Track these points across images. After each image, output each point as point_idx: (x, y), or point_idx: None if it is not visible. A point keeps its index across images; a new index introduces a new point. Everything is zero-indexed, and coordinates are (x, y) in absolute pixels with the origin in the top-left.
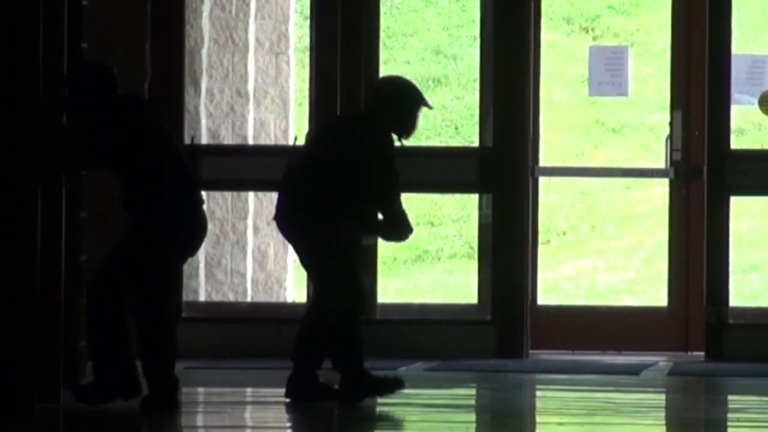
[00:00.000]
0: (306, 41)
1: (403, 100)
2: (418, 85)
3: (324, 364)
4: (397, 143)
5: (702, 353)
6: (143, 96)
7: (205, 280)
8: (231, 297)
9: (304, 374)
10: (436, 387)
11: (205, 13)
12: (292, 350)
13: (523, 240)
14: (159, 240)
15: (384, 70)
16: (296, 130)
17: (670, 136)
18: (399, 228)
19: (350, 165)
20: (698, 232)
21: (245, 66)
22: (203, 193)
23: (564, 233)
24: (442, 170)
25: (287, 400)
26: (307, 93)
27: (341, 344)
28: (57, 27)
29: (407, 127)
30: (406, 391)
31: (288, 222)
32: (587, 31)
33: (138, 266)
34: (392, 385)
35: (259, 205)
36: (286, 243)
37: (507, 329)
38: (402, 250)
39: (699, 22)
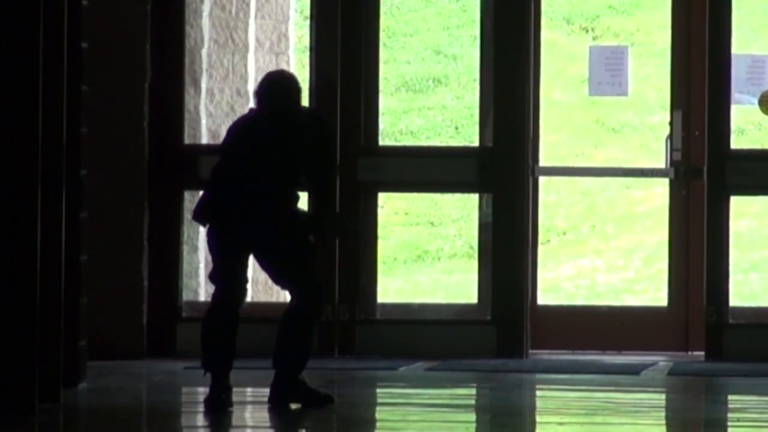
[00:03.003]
0: (306, 41)
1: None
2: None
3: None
4: None
5: (702, 353)
6: None
7: (205, 280)
8: None
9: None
10: (436, 387)
11: (205, 13)
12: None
13: (523, 240)
14: None
15: (384, 70)
16: None
17: (670, 136)
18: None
19: (294, 156)
20: (698, 232)
21: (245, 66)
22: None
23: (564, 233)
24: (442, 170)
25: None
26: (307, 93)
27: (290, 345)
28: (57, 27)
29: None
30: (406, 391)
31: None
32: (587, 31)
33: None
34: (322, 400)
35: None
36: None
37: (507, 329)
38: (402, 250)
39: (699, 22)
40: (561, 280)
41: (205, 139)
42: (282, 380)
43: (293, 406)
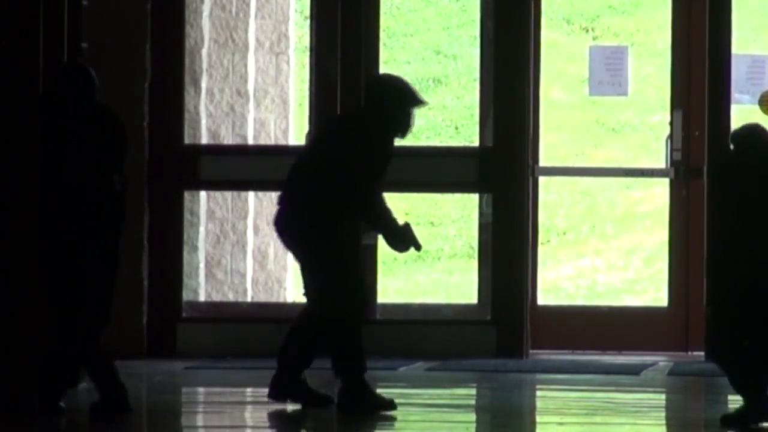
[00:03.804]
0: (306, 41)
1: (394, 101)
2: (409, 84)
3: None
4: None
5: (702, 353)
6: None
7: (205, 280)
8: (231, 297)
9: (291, 375)
10: (436, 387)
11: (205, 13)
12: (280, 351)
13: (523, 240)
14: None
15: (384, 70)
16: (296, 130)
17: (670, 136)
18: (392, 236)
19: (345, 165)
20: (698, 232)
21: (245, 66)
22: (204, 193)
23: (564, 233)
24: (442, 170)
25: (269, 399)
26: (307, 93)
27: (344, 353)
28: (57, 27)
29: (402, 126)
30: (406, 391)
31: (287, 230)
32: (587, 31)
33: None
34: (322, 400)
35: (259, 205)
36: None
37: (507, 329)
38: None
39: (699, 22)
40: (561, 280)
41: (205, 139)
42: (283, 378)
43: (292, 406)
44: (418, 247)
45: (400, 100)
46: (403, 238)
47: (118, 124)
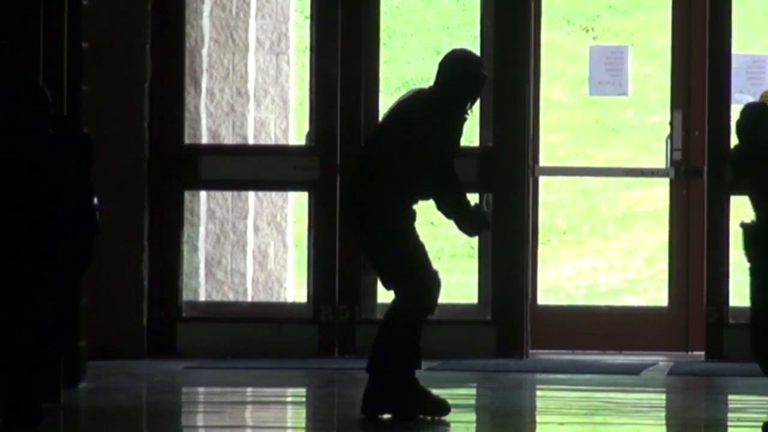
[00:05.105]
0: (306, 41)
1: (463, 73)
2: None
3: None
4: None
5: (702, 353)
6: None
7: (205, 280)
8: (231, 297)
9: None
10: (436, 387)
11: (205, 13)
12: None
13: (523, 240)
14: None
15: (384, 70)
16: (296, 130)
17: (670, 136)
18: (468, 218)
19: (414, 148)
20: (698, 232)
21: (245, 66)
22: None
23: (564, 233)
24: None
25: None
26: (307, 93)
27: (405, 349)
28: (57, 27)
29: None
30: None
31: (356, 219)
32: (587, 31)
33: None
34: (441, 408)
35: (259, 205)
36: (287, 243)
37: (507, 329)
38: None
39: (699, 22)
40: (561, 280)
41: (205, 139)
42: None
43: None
44: (488, 225)
45: (468, 68)
46: (477, 220)
47: (79, 135)
